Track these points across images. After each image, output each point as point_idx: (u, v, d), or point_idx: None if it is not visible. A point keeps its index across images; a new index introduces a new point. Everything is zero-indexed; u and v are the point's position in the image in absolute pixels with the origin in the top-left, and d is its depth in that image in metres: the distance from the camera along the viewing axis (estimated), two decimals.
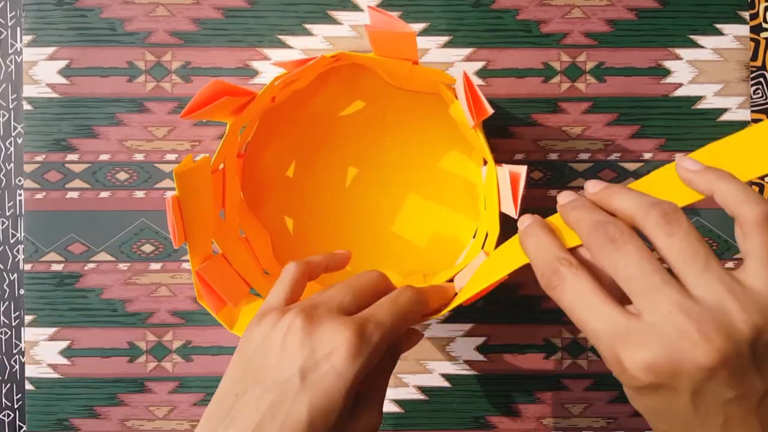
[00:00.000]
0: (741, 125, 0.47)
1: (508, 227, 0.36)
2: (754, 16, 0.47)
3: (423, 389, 0.47)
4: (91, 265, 0.47)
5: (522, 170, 0.33)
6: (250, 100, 0.37)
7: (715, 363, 0.23)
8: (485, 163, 0.39)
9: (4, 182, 0.48)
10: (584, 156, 0.47)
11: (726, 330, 0.23)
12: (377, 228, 0.46)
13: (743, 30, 0.47)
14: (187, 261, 0.47)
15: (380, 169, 0.46)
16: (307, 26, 0.47)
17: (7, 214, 0.47)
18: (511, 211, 0.33)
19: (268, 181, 0.46)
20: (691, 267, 0.24)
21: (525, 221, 0.30)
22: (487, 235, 0.39)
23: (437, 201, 0.46)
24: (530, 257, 0.28)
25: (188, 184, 0.34)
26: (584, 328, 0.25)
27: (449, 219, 0.46)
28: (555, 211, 0.30)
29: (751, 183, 0.47)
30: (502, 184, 0.35)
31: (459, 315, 0.47)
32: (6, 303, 0.47)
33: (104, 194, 0.47)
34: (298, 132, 0.46)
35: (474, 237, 0.45)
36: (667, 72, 0.47)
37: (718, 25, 0.47)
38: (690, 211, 0.47)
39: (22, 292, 0.47)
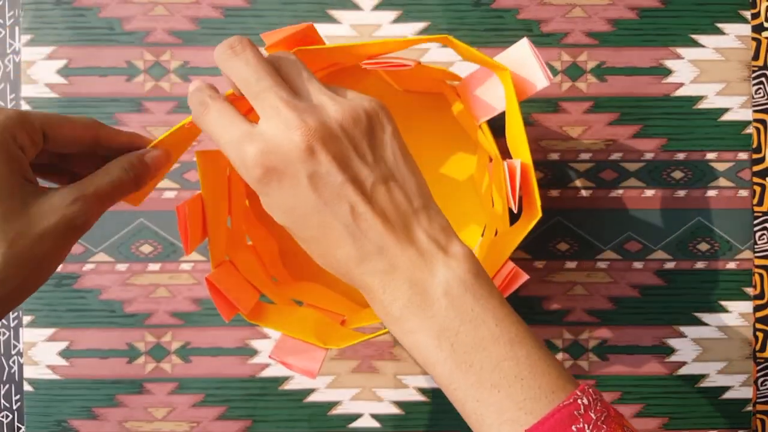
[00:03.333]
0: (742, 125, 0.47)
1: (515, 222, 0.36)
2: (755, 16, 0.47)
3: (423, 391, 0.47)
4: (89, 266, 0.46)
5: (516, 163, 0.33)
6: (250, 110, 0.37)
7: (310, 138, 0.26)
8: (491, 160, 0.39)
9: None
10: (585, 156, 0.47)
11: (320, 116, 0.27)
12: None
13: (745, 29, 0.47)
14: (186, 262, 0.46)
15: None
16: None
17: None
18: (512, 204, 0.33)
19: None
20: (298, 79, 0.29)
21: (193, 85, 0.31)
22: (496, 231, 0.39)
23: (444, 201, 0.46)
24: (189, 102, 0.30)
25: (209, 168, 0.35)
26: (220, 143, 0.28)
27: (457, 218, 0.45)
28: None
29: (753, 183, 0.47)
30: (508, 178, 0.34)
31: None
32: None
33: None
34: None
35: (482, 235, 0.45)
36: (668, 71, 0.47)
37: (719, 25, 0.47)
38: (690, 211, 0.47)
39: None
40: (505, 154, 0.38)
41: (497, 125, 0.37)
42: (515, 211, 0.33)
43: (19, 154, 0.28)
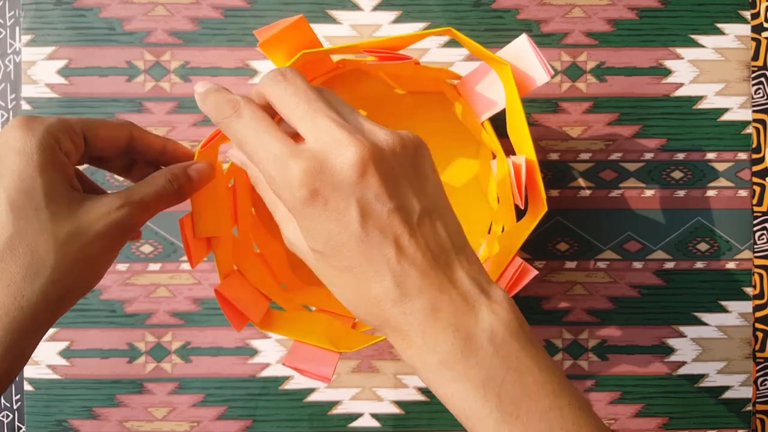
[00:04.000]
0: (742, 125, 0.47)
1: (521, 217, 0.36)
2: (755, 16, 0.47)
3: (423, 390, 0.47)
4: None
5: (521, 159, 0.33)
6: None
7: (364, 157, 0.24)
8: (494, 157, 0.39)
9: None
10: (585, 156, 0.47)
11: (371, 137, 0.26)
12: None
13: (744, 29, 0.47)
14: (187, 262, 0.46)
15: None
16: None
17: None
18: (518, 201, 0.33)
19: None
20: (343, 109, 0.28)
21: (202, 86, 0.29)
22: (503, 228, 0.39)
23: (449, 200, 0.46)
24: (207, 103, 0.28)
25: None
26: (256, 156, 0.26)
27: (462, 217, 0.45)
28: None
29: (753, 183, 0.47)
30: (514, 176, 0.34)
31: None
32: None
33: None
34: None
35: (489, 232, 0.45)
36: (668, 72, 0.47)
37: (719, 25, 0.47)
38: (690, 211, 0.47)
39: None
40: (509, 152, 0.38)
41: (499, 125, 0.37)
42: (522, 207, 0.33)
43: (65, 160, 0.29)
